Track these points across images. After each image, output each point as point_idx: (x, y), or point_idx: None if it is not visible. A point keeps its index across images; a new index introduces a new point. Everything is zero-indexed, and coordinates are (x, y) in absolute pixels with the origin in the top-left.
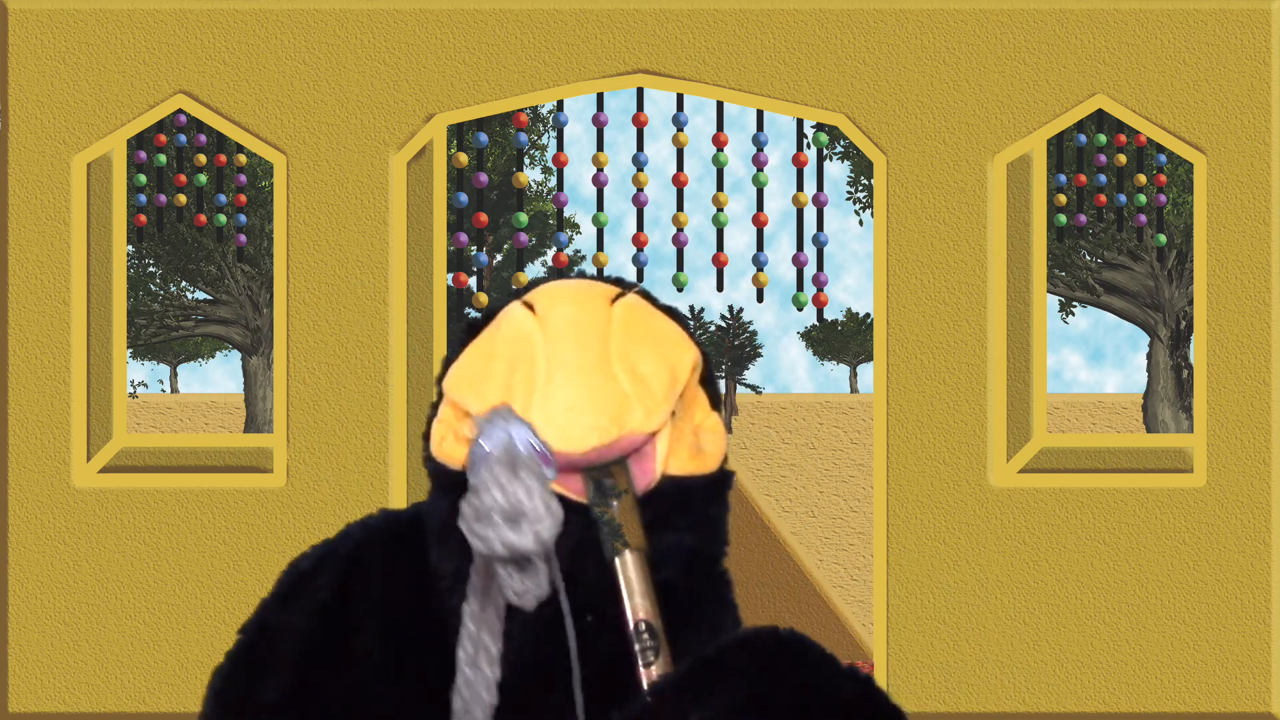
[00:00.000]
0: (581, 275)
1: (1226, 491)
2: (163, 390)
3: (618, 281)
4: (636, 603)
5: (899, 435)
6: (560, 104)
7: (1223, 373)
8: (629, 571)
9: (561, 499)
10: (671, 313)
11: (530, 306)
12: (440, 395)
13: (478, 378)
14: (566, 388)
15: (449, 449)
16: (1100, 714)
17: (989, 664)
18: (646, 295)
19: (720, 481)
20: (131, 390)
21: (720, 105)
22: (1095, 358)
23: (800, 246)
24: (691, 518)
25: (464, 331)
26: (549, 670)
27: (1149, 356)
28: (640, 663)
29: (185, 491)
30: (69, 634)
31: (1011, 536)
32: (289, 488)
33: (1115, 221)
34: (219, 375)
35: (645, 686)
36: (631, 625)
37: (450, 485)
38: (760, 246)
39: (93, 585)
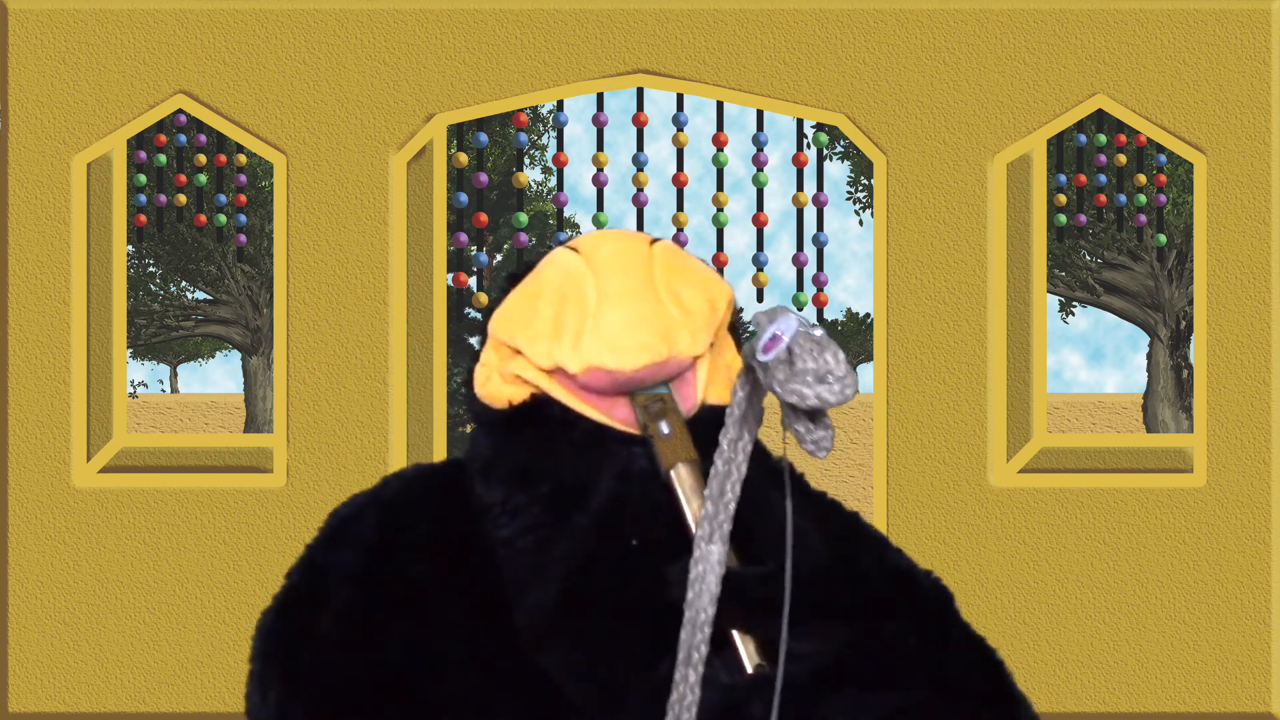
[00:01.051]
0: None
1: (1226, 491)
2: (163, 390)
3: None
4: (695, 506)
5: (899, 435)
6: (560, 104)
7: (1223, 373)
8: (685, 482)
9: (606, 430)
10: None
11: (574, 250)
12: (483, 340)
13: (526, 315)
14: (617, 311)
15: (494, 389)
16: (1100, 714)
17: None
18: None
19: None
20: (131, 390)
21: (720, 105)
22: (1095, 358)
23: (800, 246)
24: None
25: (507, 279)
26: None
27: (1149, 356)
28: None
29: (185, 491)
30: (69, 634)
31: (1011, 536)
32: (289, 488)
33: (1115, 221)
34: (219, 375)
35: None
36: (694, 526)
37: (493, 424)
38: (760, 246)
39: (93, 585)
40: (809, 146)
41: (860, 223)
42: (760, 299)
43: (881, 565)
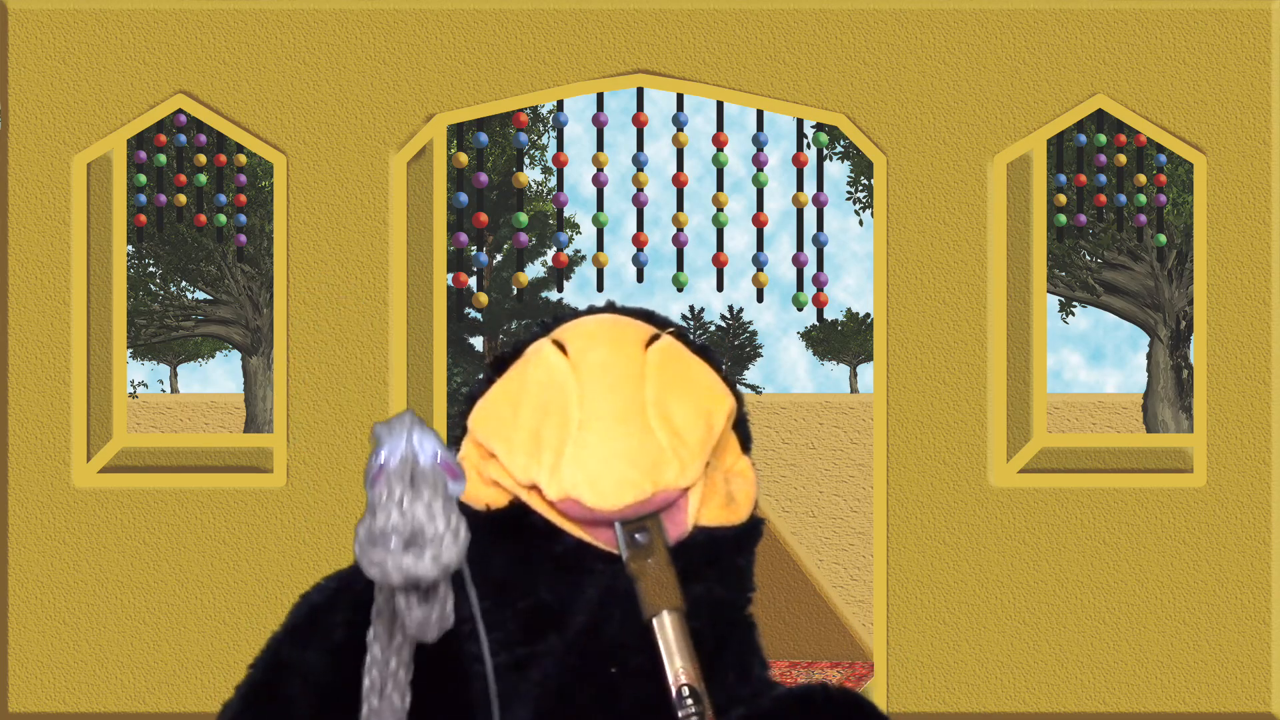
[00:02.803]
0: (612, 307)
1: (1226, 491)
2: (163, 390)
3: (650, 316)
4: (678, 666)
5: (899, 435)
6: (560, 104)
7: (1223, 373)
8: (668, 633)
9: (588, 547)
10: (705, 353)
11: (562, 348)
12: (463, 432)
13: (505, 421)
14: (601, 440)
15: (472, 489)
16: (1100, 714)
17: (989, 664)
18: (681, 335)
19: (751, 532)
20: (131, 390)
21: (720, 105)
22: (1095, 358)
23: (800, 246)
24: (720, 568)
25: (491, 368)
26: (582, 717)
27: (1149, 356)
28: None
29: (185, 491)
30: (69, 634)
31: (1011, 536)
32: (289, 488)
33: (1115, 221)
34: (219, 375)
35: None
36: (674, 690)
37: (471, 527)
38: (760, 246)
39: (93, 585)
40: (809, 146)
41: (860, 223)
42: (760, 299)
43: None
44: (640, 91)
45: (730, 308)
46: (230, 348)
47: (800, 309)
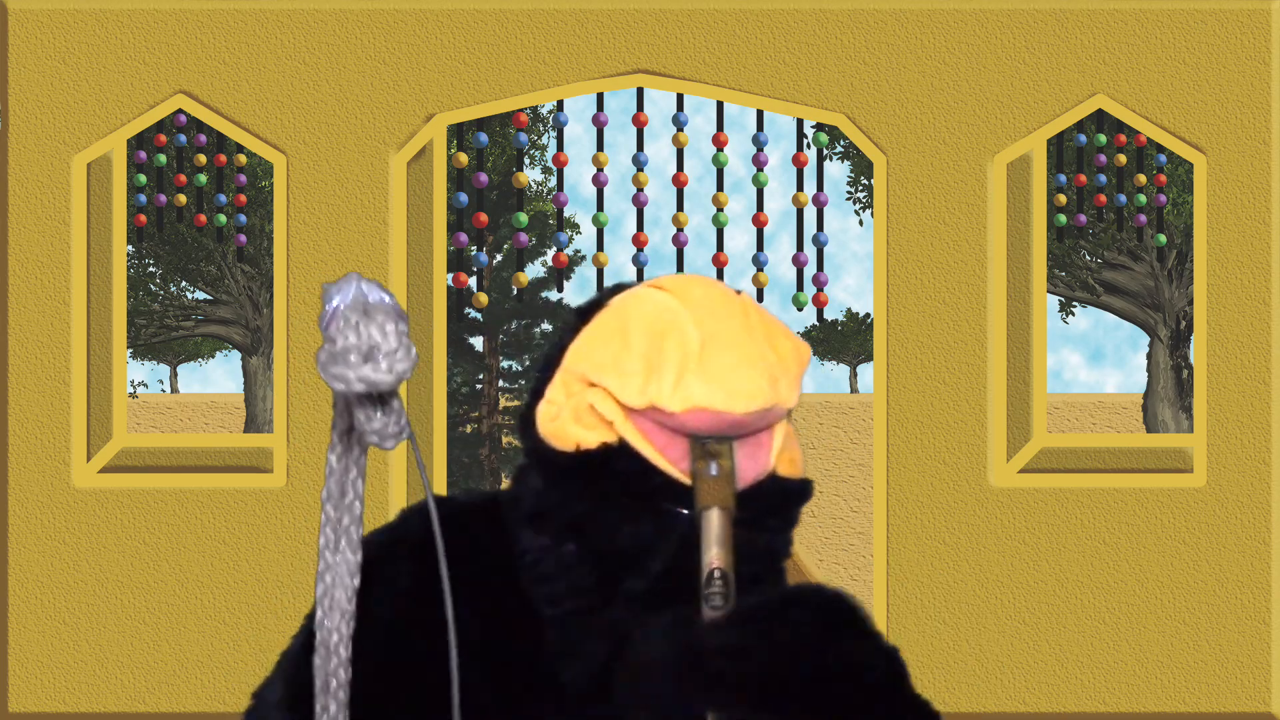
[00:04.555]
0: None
1: (1226, 491)
2: (163, 390)
3: None
4: (714, 552)
5: (899, 435)
6: (560, 104)
7: (1223, 373)
8: (713, 527)
9: (673, 488)
10: None
11: (661, 289)
12: (546, 378)
13: (615, 352)
14: (727, 352)
15: (562, 427)
16: (1100, 714)
17: (989, 664)
18: None
19: (808, 488)
20: (131, 390)
21: (720, 105)
22: (1095, 358)
23: (800, 246)
24: (780, 519)
25: (576, 314)
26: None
27: (1149, 356)
28: (706, 605)
29: (185, 491)
30: (69, 634)
31: (1011, 536)
32: (289, 488)
33: (1115, 221)
34: (219, 375)
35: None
36: (705, 571)
37: (554, 466)
38: (760, 246)
39: (93, 585)
40: (809, 146)
41: (860, 223)
42: (760, 299)
43: (831, 654)
44: (640, 91)
45: None
46: (230, 348)
47: (800, 309)
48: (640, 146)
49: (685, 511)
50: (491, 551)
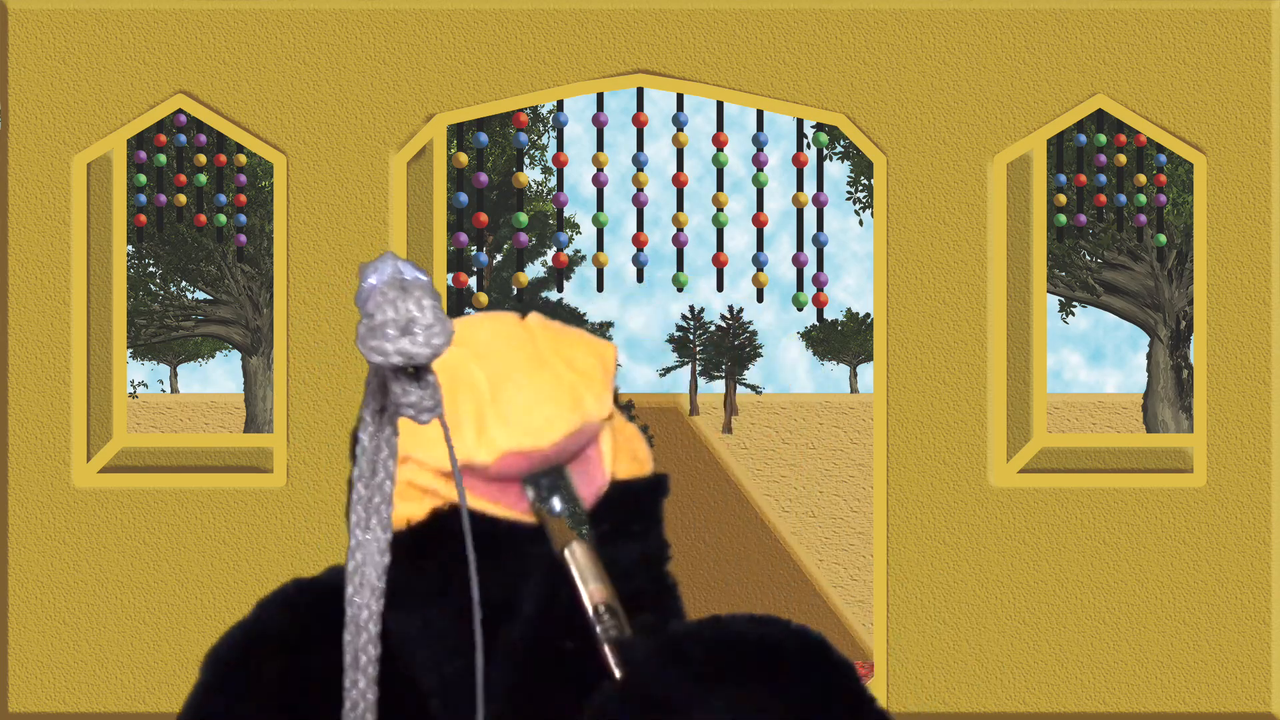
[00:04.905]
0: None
1: (1226, 491)
2: (163, 390)
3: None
4: (592, 588)
5: (899, 435)
6: (560, 104)
7: (1223, 373)
8: (579, 561)
9: (521, 529)
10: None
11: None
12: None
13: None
14: (518, 390)
15: (399, 509)
16: (1100, 714)
17: (989, 664)
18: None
19: (662, 482)
20: (131, 390)
21: (720, 105)
22: (1095, 358)
23: (800, 246)
24: (644, 522)
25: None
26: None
27: (1149, 356)
28: (604, 643)
29: (185, 491)
30: (69, 634)
31: (1011, 536)
32: (289, 488)
33: (1115, 221)
34: (219, 375)
35: (613, 664)
36: (591, 610)
37: (397, 552)
38: (760, 246)
39: (93, 585)
40: (809, 146)
41: (860, 223)
42: (760, 299)
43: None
44: (640, 91)
45: (730, 308)
46: (230, 348)
47: (800, 309)
48: (640, 146)
49: (539, 549)
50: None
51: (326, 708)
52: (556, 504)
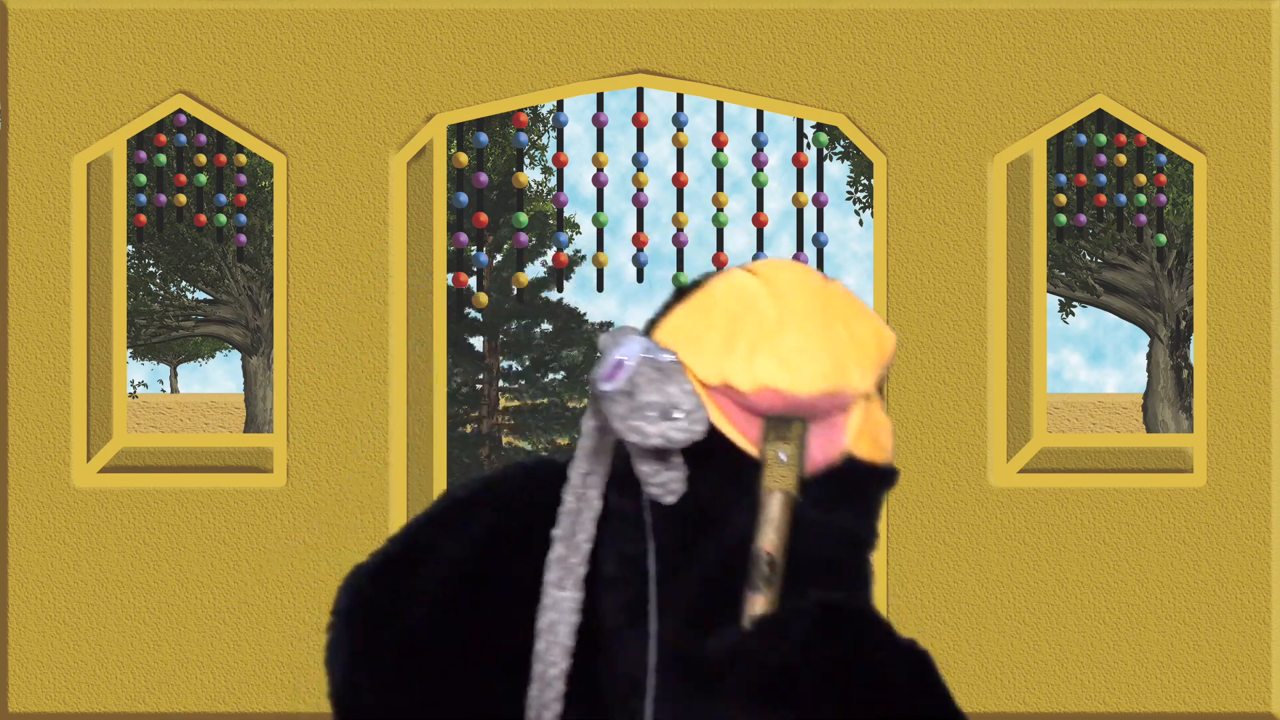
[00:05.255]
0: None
1: (1226, 491)
2: (163, 390)
3: None
4: (769, 536)
5: (899, 435)
6: (560, 104)
7: (1223, 373)
8: (773, 510)
9: (747, 458)
10: None
11: (751, 273)
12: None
13: (697, 329)
14: (797, 333)
15: None
16: (1100, 714)
17: (989, 664)
18: None
19: (892, 474)
20: (131, 390)
21: (720, 105)
22: (1095, 358)
23: (800, 246)
24: (864, 503)
25: (674, 294)
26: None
27: (1149, 356)
28: (750, 585)
29: (185, 491)
30: (69, 634)
31: (1011, 536)
32: (289, 488)
33: (1115, 221)
34: (219, 375)
35: (745, 608)
36: (755, 553)
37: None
38: (760, 246)
39: (93, 585)
40: (809, 146)
41: (860, 223)
42: None
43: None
44: (640, 91)
45: None
46: (230, 348)
47: None
48: (640, 146)
49: (753, 485)
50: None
51: (511, 576)
52: (783, 454)
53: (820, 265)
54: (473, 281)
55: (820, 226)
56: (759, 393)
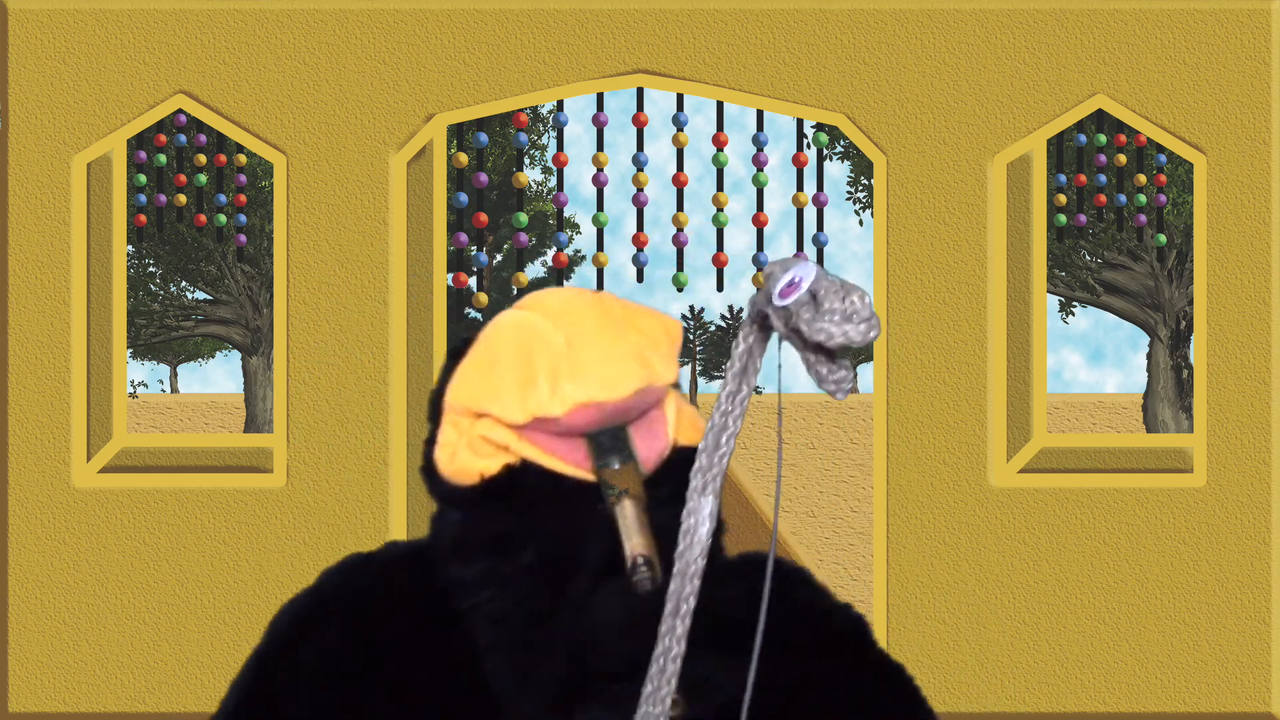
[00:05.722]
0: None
1: (1226, 491)
2: (163, 390)
3: None
4: (634, 540)
5: (899, 435)
6: (560, 104)
7: (1223, 373)
8: (627, 516)
9: (586, 485)
10: None
11: (519, 309)
12: (436, 423)
13: (489, 377)
14: (591, 346)
15: (462, 464)
16: (1100, 714)
17: (989, 664)
18: None
19: None
20: (131, 390)
21: (720, 105)
22: (1095, 358)
23: (800, 246)
24: None
25: (451, 356)
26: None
27: (1149, 356)
28: (637, 590)
29: (185, 491)
30: (69, 634)
31: (1011, 536)
32: (289, 488)
33: (1115, 221)
34: (219, 375)
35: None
36: (629, 561)
37: (466, 499)
38: (760, 246)
39: (93, 585)
40: (809, 146)
41: (860, 223)
42: None
43: (794, 604)
44: (640, 91)
45: (730, 308)
46: (230, 348)
47: None
48: (640, 146)
49: (600, 506)
50: (420, 600)
51: (382, 675)
52: (615, 462)
53: (820, 265)
54: (473, 281)
55: (820, 226)
56: (574, 412)
